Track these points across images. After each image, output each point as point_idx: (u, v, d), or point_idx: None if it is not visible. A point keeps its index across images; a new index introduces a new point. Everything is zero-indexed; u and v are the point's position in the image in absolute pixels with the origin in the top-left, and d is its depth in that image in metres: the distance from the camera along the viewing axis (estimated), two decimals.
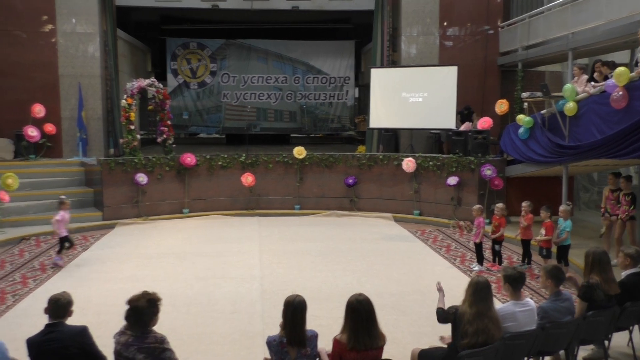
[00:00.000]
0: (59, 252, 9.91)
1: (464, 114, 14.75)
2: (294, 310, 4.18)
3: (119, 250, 10.85)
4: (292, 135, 23.08)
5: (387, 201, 14.26)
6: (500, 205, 9.59)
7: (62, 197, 10.16)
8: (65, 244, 9.91)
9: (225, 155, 14.54)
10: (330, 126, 21.90)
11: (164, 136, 14.40)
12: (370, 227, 13.03)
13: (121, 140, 14.63)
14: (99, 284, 8.66)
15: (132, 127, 13.89)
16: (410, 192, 13.96)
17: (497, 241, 9.54)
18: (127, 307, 4.10)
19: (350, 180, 14.34)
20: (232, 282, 8.70)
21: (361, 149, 16.72)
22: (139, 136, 14.63)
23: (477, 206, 9.71)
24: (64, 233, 9.84)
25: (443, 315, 4.88)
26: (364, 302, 4.19)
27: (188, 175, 14.11)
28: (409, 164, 13.67)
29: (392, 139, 15.61)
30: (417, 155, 14.10)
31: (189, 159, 13.97)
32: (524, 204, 9.50)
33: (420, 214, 13.81)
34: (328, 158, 14.61)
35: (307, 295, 4.47)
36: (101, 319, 6.81)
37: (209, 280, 8.80)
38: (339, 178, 14.53)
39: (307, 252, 10.57)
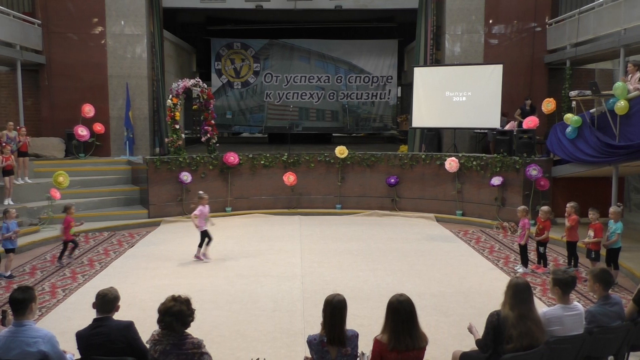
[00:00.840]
0: (200, 245, 10.00)
1: (525, 110, 14.39)
2: (333, 309, 4.18)
3: (163, 247, 11.06)
4: (334, 134, 23.13)
5: (429, 201, 14.12)
6: (545, 208, 9.37)
7: (201, 192, 10.30)
8: (205, 238, 10.02)
9: (268, 155, 14.66)
10: (372, 125, 21.82)
11: (208, 135, 14.61)
12: (411, 227, 12.93)
13: (166, 140, 14.92)
14: (144, 280, 8.85)
15: (177, 126, 14.14)
16: (452, 192, 13.80)
17: (542, 243, 9.33)
18: (162, 313, 4.08)
19: (392, 180, 14.26)
20: (273, 281, 8.76)
21: (403, 148, 16.61)
22: (183, 135, 14.89)
23: (521, 207, 9.52)
24: (203, 227, 9.99)
25: (484, 342, 4.65)
26: (405, 302, 4.15)
27: (231, 174, 14.29)
28: (451, 163, 13.51)
29: (435, 138, 15.46)
30: (460, 154, 13.92)
31: (232, 158, 14.15)
32: (568, 205, 9.27)
33: (462, 215, 13.64)
34: (370, 157, 14.57)
35: (347, 294, 4.46)
36: (146, 314, 6.94)
37: (251, 278, 8.88)
38: (381, 177, 14.47)
39: (348, 252, 10.57)
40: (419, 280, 8.80)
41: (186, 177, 13.56)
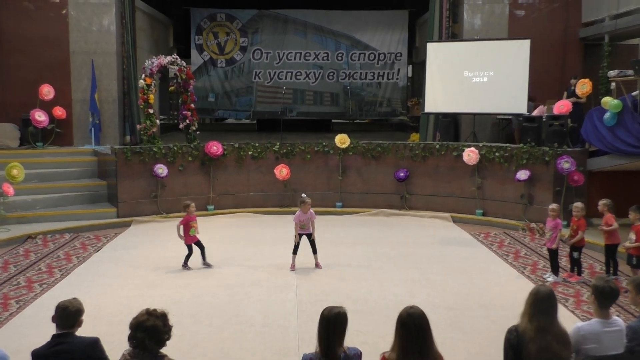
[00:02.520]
0: (294, 251, 10.00)
1: (571, 91, 14.10)
2: (330, 323, 4.17)
3: (135, 252, 11.04)
4: (333, 121, 23.11)
5: (444, 199, 14.13)
6: (578, 204, 9.37)
7: (303, 195, 10.26)
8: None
9: (257, 144, 14.65)
10: (379, 110, 21.82)
11: (187, 122, 14.58)
12: (424, 228, 12.94)
13: (138, 126, 14.89)
14: (112, 290, 8.83)
15: (151, 111, 14.11)
16: (472, 188, 13.80)
17: (576, 247, 9.34)
18: (133, 328, 4.07)
19: (402, 174, 14.26)
20: (263, 291, 8.76)
21: (414, 137, 16.60)
22: (158, 122, 14.87)
23: (552, 205, 9.52)
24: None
25: None
26: (416, 316, 4.14)
27: (214, 166, 14.28)
28: (470, 155, 13.50)
29: (451, 125, 15.45)
30: (480, 144, 13.91)
31: (215, 148, 14.14)
32: (601, 202, 9.28)
33: (483, 214, 13.65)
34: (375, 148, 14.57)
35: (349, 307, 4.45)
36: (115, 329, 6.94)
37: (237, 289, 8.88)
38: (388, 171, 14.47)
39: (350, 257, 10.58)
40: (433, 291, 8.80)
41: (161, 170, 13.55)
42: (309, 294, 8.60)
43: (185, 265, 9.91)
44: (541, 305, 4.44)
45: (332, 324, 4.17)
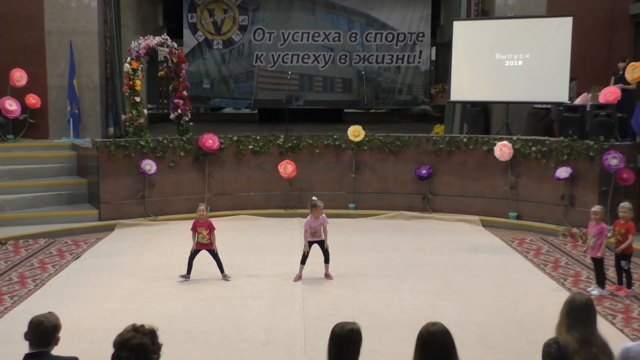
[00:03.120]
0: (302, 261, 9.98)
1: (619, 77, 13.95)
2: (339, 341, 4.17)
3: (119, 260, 11.06)
4: (346, 110, 23.11)
5: (472, 199, 14.13)
6: (625, 204, 9.34)
7: (314, 198, 10.26)
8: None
9: (258, 137, 14.68)
10: (398, 98, 21.80)
11: (179, 111, 14.61)
12: (449, 234, 12.93)
13: (123, 117, 14.93)
14: (93, 303, 8.85)
15: (138, 99, 14.13)
16: (504, 187, 13.77)
17: (624, 255, 9.30)
18: (118, 347, 4.07)
19: (424, 171, 14.25)
20: (265, 304, 8.76)
21: (438, 129, 16.59)
22: (146, 111, 14.91)
23: (595, 208, 9.48)
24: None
25: None
26: (439, 333, 4.14)
27: (209, 162, 14.32)
28: (503, 149, 13.47)
29: (481, 116, 15.43)
30: (514, 137, 13.88)
31: (211, 141, 14.17)
32: (621, 205, 9.28)
33: (517, 218, 13.64)
34: (394, 141, 14.57)
35: (363, 323, 4.45)
36: (97, 347, 6.97)
37: (235, 301, 8.89)
38: (409, 168, 14.48)
39: (364, 266, 10.59)
40: (459, 304, 8.79)
41: (149, 166, 13.59)
42: (317, 308, 8.60)
43: (184, 276, 9.82)
44: (578, 314, 4.47)
45: (344, 342, 4.17)
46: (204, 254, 9.84)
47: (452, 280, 9.86)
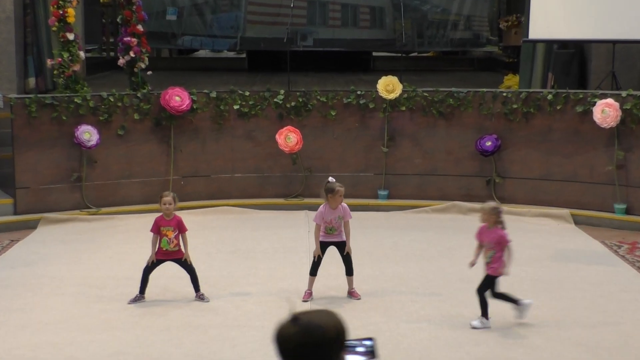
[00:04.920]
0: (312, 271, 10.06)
1: None
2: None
3: (43, 271, 11.10)
4: (375, 54, 23.07)
5: (560, 184, 14.17)
6: None
7: (331, 179, 10.29)
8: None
9: (247, 93, 14.72)
10: (451, 37, 21.76)
11: (131, 55, 14.63)
12: (526, 234, 12.86)
13: (50, 62, 14.95)
14: (7, 333, 8.86)
15: (71, 36, 14.15)
16: (608, 167, 13.75)
17: None
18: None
19: (489, 143, 14.24)
20: (257, 335, 8.74)
21: (511, 80, 16.57)
22: (83, 54, 14.95)
23: None
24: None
25: None
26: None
27: (176, 130, 14.37)
28: (607, 111, 13.44)
29: (574, 61, 15.42)
30: (623, 94, 13.84)
31: (178, 98, 14.17)
32: None
33: (626, 212, 13.65)
34: (445, 99, 14.59)
35: None
36: None
37: (213, 331, 8.95)
38: (466, 138, 14.54)
39: (401, 280, 10.64)
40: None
41: (88, 134, 13.62)
42: None
43: (136, 297, 9.84)
44: None
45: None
46: (168, 265, 9.87)
47: (532, 301, 9.83)
